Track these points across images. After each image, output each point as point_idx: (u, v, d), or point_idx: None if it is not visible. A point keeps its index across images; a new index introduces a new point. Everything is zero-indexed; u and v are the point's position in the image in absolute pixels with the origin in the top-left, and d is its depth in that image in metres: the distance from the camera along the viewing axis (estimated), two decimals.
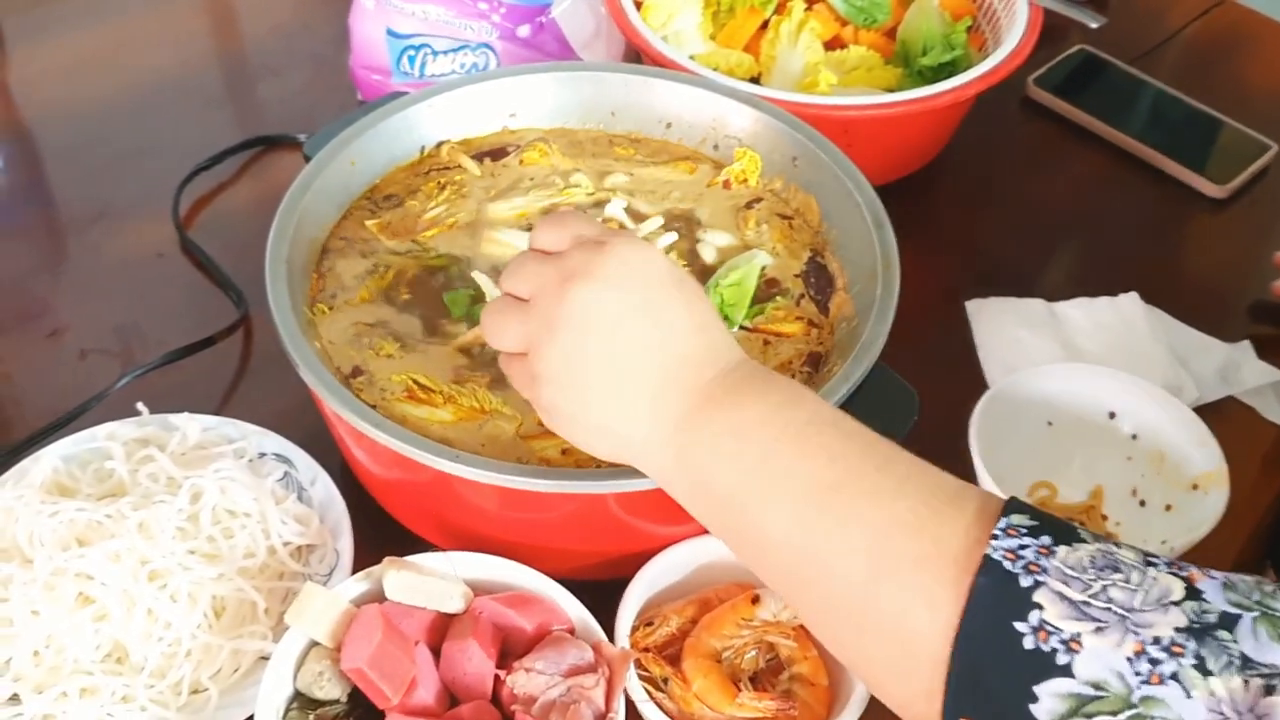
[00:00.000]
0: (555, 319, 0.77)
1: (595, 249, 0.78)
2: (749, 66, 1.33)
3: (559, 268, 0.78)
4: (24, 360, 1.14)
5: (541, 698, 0.84)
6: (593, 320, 0.77)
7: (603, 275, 0.77)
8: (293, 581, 0.94)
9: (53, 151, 1.37)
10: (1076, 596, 0.62)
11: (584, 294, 0.77)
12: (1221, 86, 1.50)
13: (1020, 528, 0.65)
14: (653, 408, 0.76)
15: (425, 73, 1.34)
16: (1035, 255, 1.31)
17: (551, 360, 0.78)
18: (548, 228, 0.82)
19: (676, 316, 0.78)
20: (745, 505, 0.73)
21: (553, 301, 0.77)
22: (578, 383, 0.78)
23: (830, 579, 0.69)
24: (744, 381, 0.76)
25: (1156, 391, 1.06)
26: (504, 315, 0.81)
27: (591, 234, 0.80)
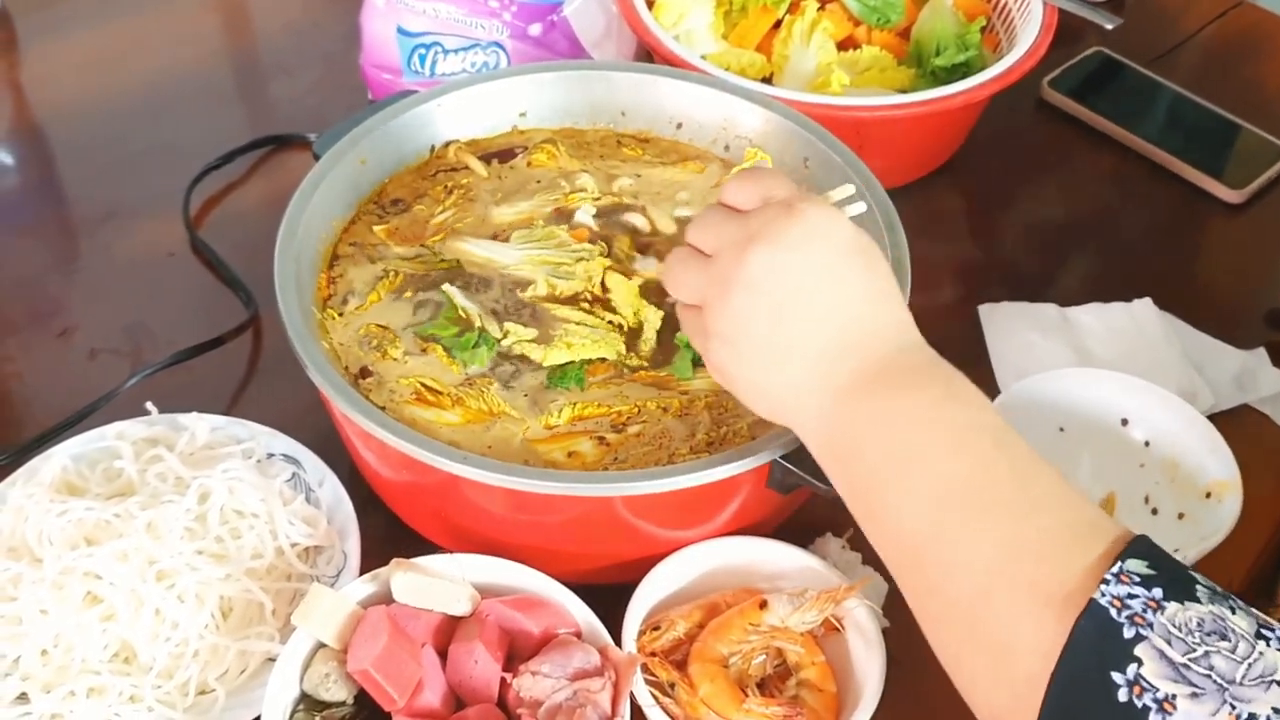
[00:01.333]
0: (732, 279, 0.77)
1: (782, 211, 0.77)
2: (761, 66, 1.32)
3: (743, 226, 0.78)
4: (34, 359, 1.14)
5: (547, 701, 0.83)
6: (769, 285, 0.76)
7: (785, 240, 0.76)
8: (300, 583, 0.94)
9: (64, 150, 1.37)
10: (1178, 658, 0.62)
11: (763, 257, 0.76)
12: (1239, 89, 1.49)
13: (1135, 575, 0.64)
14: (815, 378, 0.76)
15: (436, 71, 1.33)
16: (1048, 259, 1.30)
17: (723, 319, 0.78)
18: (739, 183, 0.81)
19: (854, 289, 0.77)
20: (883, 489, 0.74)
21: (732, 261, 0.77)
22: (746, 344, 0.78)
23: (946, 580, 0.70)
24: (912, 367, 0.76)
25: (1170, 398, 1.05)
26: (685, 266, 0.82)
27: (782, 194, 0.79)
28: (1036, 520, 0.69)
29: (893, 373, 0.75)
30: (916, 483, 0.72)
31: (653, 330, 0.98)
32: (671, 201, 1.09)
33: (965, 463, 0.71)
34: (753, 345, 0.78)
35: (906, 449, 0.73)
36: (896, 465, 0.73)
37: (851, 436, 0.75)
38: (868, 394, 0.75)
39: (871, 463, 0.74)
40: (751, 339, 0.78)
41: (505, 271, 1.02)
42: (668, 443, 0.92)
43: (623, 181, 1.10)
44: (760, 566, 0.94)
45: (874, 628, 0.90)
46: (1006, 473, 0.71)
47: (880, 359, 0.76)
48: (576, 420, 0.93)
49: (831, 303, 0.76)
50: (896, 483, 0.73)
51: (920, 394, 0.74)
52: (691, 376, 0.96)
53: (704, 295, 0.80)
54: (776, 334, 0.77)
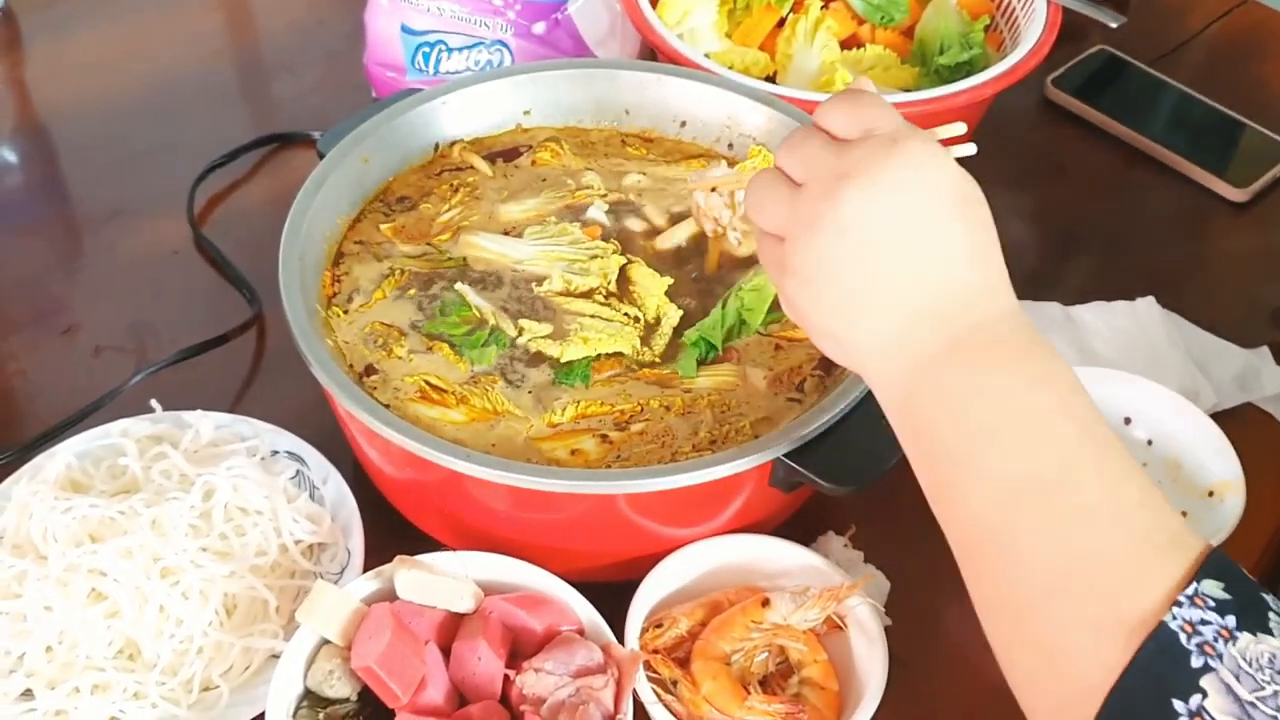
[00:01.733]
0: (820, 217, 0.69)
1: (885, 147, 0.69)
2: (764, 64, 1.32)
3: (840, 158, 0.70)
4: (39, 357, 1.15)
5: (550, 698, 0.84)
6: (861, 229, 0.69)
7: (884, 180, 0.68)
8: (304, 580, 0.94)
9: (68, 149, 1.37)
10: (1245, 695, 0.60)
11: (859, 198, 0.68)
12: (1243, 88, 1.49)
13: (1210, 599, 0.62)
14: (898, 337, 0.70)
15: (440, 70, 1.34)
16: (1052, 258, 1.30)
17: (806, 258, 0.71)
18: (839, 107, 0.72)
19: (952, 244, 0.69)
20: (956, 469, 0.69)
21: (823, 196, 0.69)
22: (827, 288, 0.71)
23: (1009, 574, 0.66)
24: (1001, 340, 0.69)
25: (1173, 397, 1.05)
26: (772, 193, 0.73)
27: (886, 126, 0.70)
28: (1114, 530, 0.65)
29: (983, 344, 0.69)
30: (991, 471, 0.67)
31: (670, 327, 0.98)
32: (676, 198, 1.09)
33: (1046, 458, 0.66)
34: (835, 291, 0.71)
35: (987, 433, 0.67)
36: (974, 448, 0.68)
37: (929, 406, 0.70)
38: (954, 365, 0.69)
39: (947, 439, 0.69)
40: (835, 284, 0.71)
41: (518, 267, 1.02)
42: (670, 441, 0.92)
43: (631, 179, 1.10)
44: (762, 564, 0.94)
45: (876, 626, 0.90)
46: (1088, 474, 0.66)
47: (972, 326, 0.69)
48: (580, 418, 0.93)
49: (928, 258, 0.69)
50: (970, 465, 0.68)
51: (1009, 373, 0.68)
52: (695, 375, 0.96)
53: (788, 227, 0.72)
54: (863, 284, 0.70)
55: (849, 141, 0.71)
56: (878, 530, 1.00)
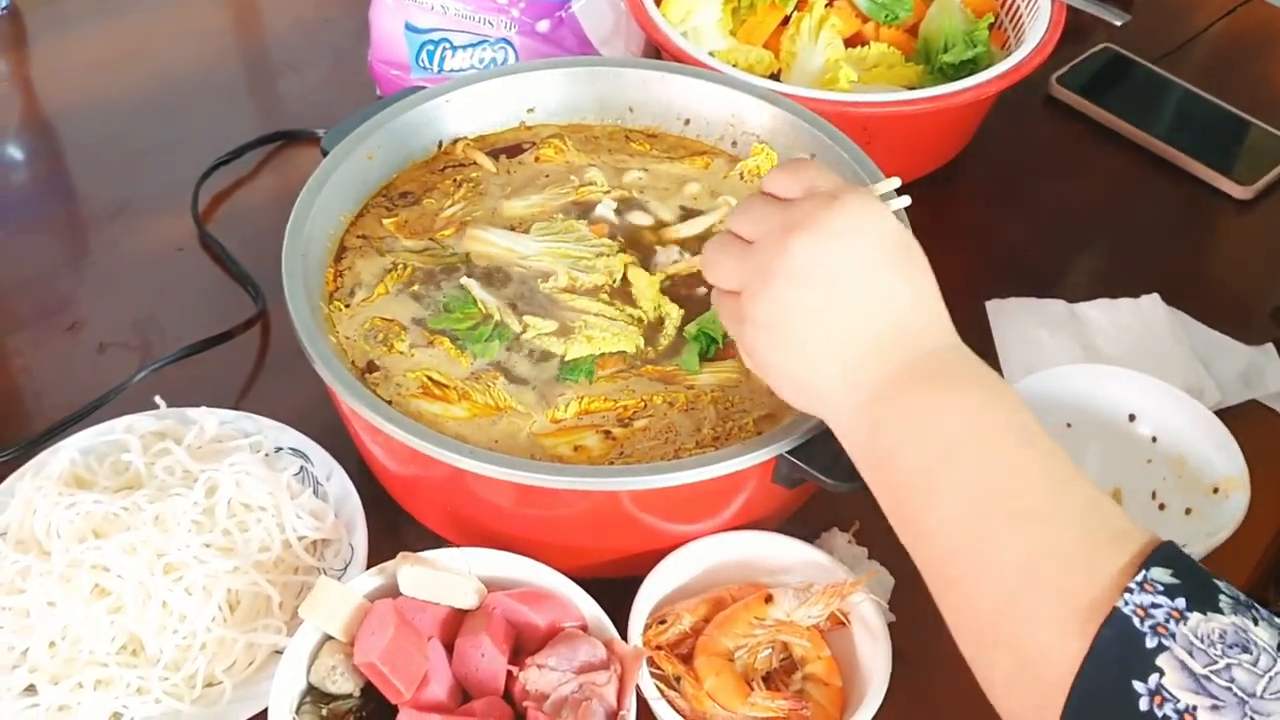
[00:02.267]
0: (772, 267, 0.76)
1: (825, 202, 0.76)
2: (769, 63, 1.32)
3: (785, 215, 0.76)
4: (44, 353, 1.15)
5: (553, 694, 0.84)
6: (809, 275, 0.75)
7: (827, 230, 0.75)
8: (307, 576, 0.94)
9: (74, 146, 1.37)
10: (1199, 669, 0.62)
11: (805, 246, 0.75)
12: (1248, 86, 1.49)
13: (1159, 584, 0.65)
14: (853, 373, 0.76)
15: (444, 68, 1.34)
16: (1056, 256, 1.30)
17: (762, 307, 0.77)
18: (783, 173, 0.80)
19: (895, 286, 0.76)
20: (917, 492, 0.73)
21: (773, 249, 0.76)
22: (783, 334, 0.78)
23: (975, 583, 0.70)
24: (949, 368, 0.76)
25: (1177, 394, 1.05)
26: (724, 253, 0.80)
27: (826, 186, 0.78)
28: (1066, 528, 0.69)
29: (930, 374, 0.75)
30: (950, 486, 0.72)
31: (674, 326, 0.99)
32: (679, 195, 1.09)
33: (999, 468, 0.71)
34: (790, 335, 0.77)
35: (939, 454, 0.73)
36: (931, 469, 0.73)
37: (887, 436, 0.75)
38: (905, 394, 0.74)
39: (906, 465, 0.74)
40: (789, 329, 0.77)
41: (524, 263, 1.02)
42: (674, 437, 0.92)
43: (631, 175, 1.10)
44: (766, 561, 0.94)
45: (880, 622, 0.90)
46: (1039, 479, 0.71)
47: (919, 358, 0.75)
48: (583, 414, 0.93)
49: (874, 298, 0.76)
50: (930, 486, 0.73)
51: (957, 397, 0.74)
52: (699, 370, 0.96)
53: (743, 282, 0.78)
54: (815, 326, 0.76)
55: (793, 200, 0.78)
56: (881, 526, 0.98)
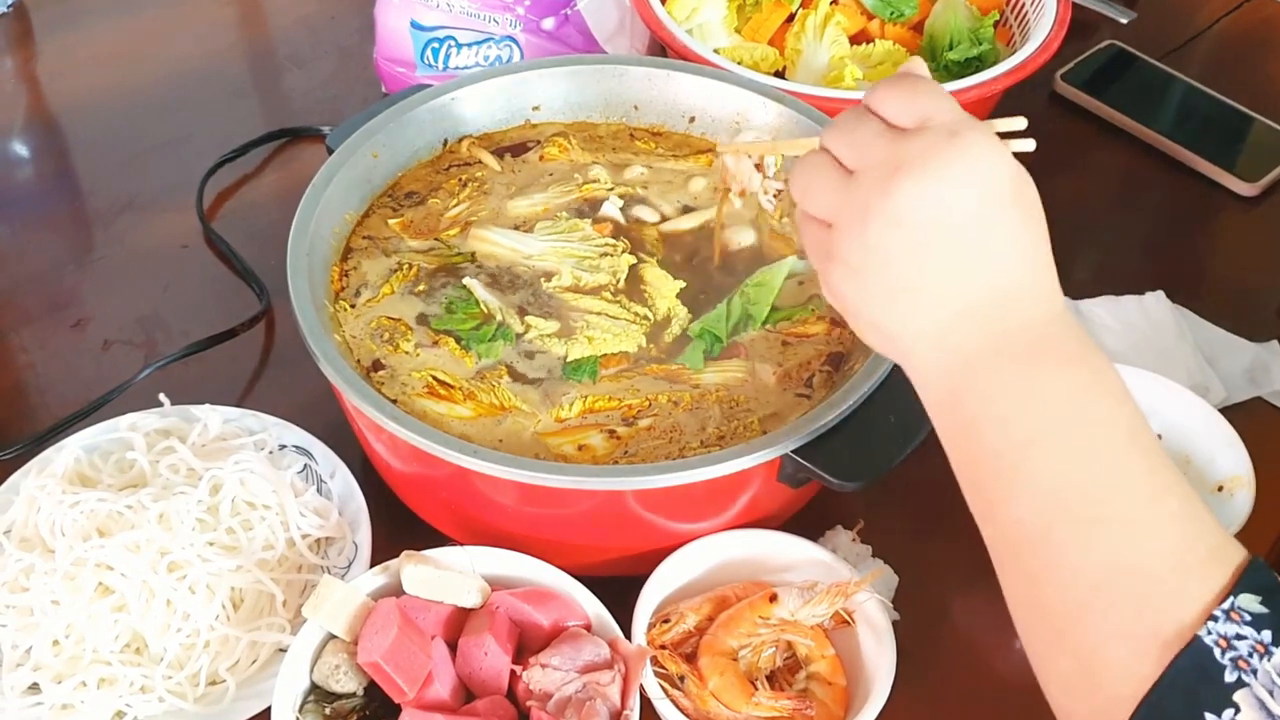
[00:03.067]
0: (872, 207, 0.67)
1: (943, 140, 0.66)
2: (774, 60, 1.32)
3: (895, 149, 0.67)
4: (49, 350, 1.15)
5: (557, 694, 0.84)
6: (913, 223, 0.67)
7: (941, 175, 0.66)
8: (311, 574, 0.94)
9: (79, 142, 1.37)
10: (1279, 710, 0.60)
11: (914, 191, 0.66)
12: (1253, 82, 1.48)
13: (1246, 613, 0.62)
14: (944, 333, 0.68)
15: (449, 65, 1.34)
16: (1061, 252, 1.27)
17: (855, 248, 0.69)
18: (894, 93, 0.69)
19: (1003, 243, 0.67)
20: (998, 473, 0.68)
21: (876, 186, 0.67)
22: (874, 281, 0.69)
23: (1047, 583, 0.66)
24: (1050, 343, 0.68)
25: (1182, 392, 1.05)
26: (821, 177, 0.71)
27: (943, 116, 0.67)
28: (1153, 540, 0.64)
29: (1030, 347, 0.67)
30: (1033, 479, 0.66)
31: (680, 326, 0.99)
32: (683, 192, 1.09)
33: (1088, 468, 0.66)
34: (884, 283, 0.69)
35: (1031, 438, 0.67)
36: (1017, 452, 0.67)
37: (974, 408, 0.68)
38: (1000, 367, 0.68)
39: (991, 441, 0.68)
40: (882, 276, 0.69)
41: (528, 262, 1.02)
42: (678, 436, 0.92)
43: (635, 171, 1.10)
44: (770, 559, 0.94)
45: (884, 621, 0.90)
46: (1131, 486, 0.66)
47: (1021, 328, 0.67)
48: (587, 413, 0.93)
49: (978, 256, 0.67)
50: (1011, 473, 0.67)
51: (1056, 379, 0.67)
52: (702, 367, 0.96)
53: (837, 215, 0.70)
54: (913, 278, 0.68)
55: (904, 130, 0.68)
56: (886, 524, 1.00)
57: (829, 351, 0.97)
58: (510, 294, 1.00)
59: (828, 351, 0.97)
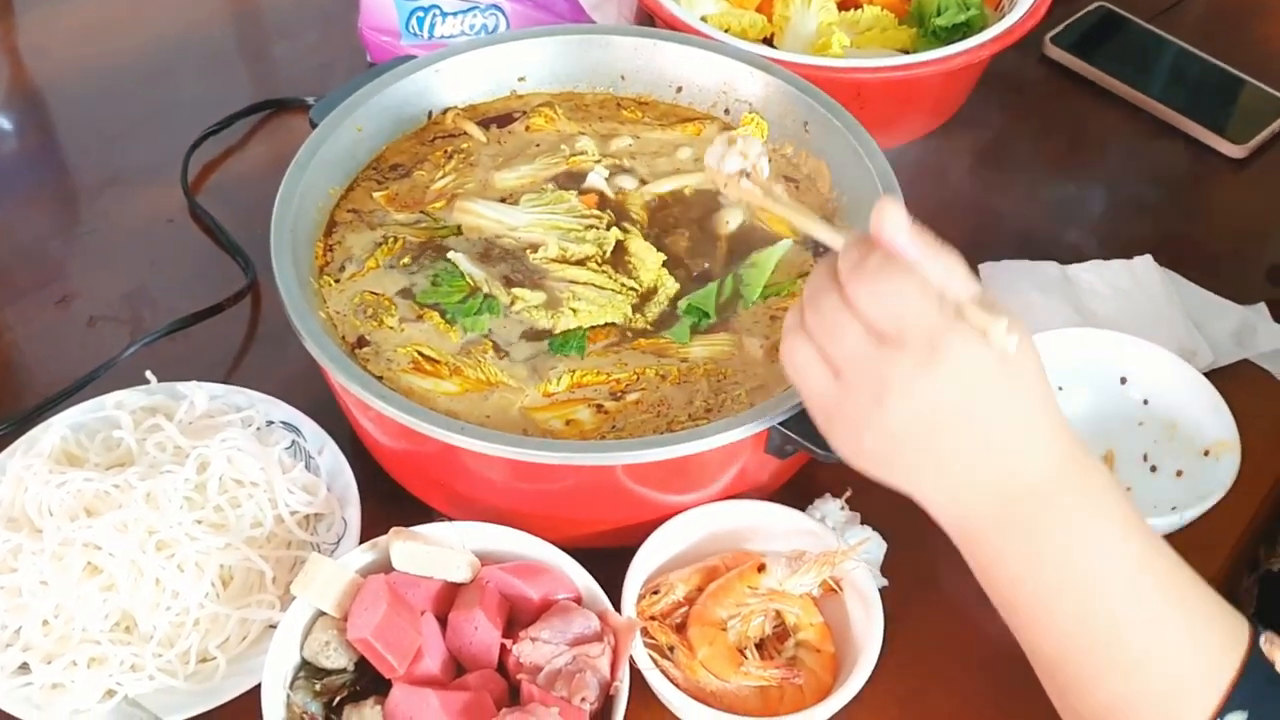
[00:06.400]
0: (864, 420, 0.71)
1: (926, 357, 0.68)
2: (762, 26, 1.31)
3: (881, 369, 0.70)
4: (34, 327, 1.14)
5: (547, 666, 0.84)
6: (907, 433, 0.71)
7: (929, 390, 0.69)
8: (300, 550, 0.95)
9: (63, 117, 1.36)
10: None
11: (905, 408, 0.70)
12: (1243, 44, 1.48)
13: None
14: (951, 502, 0.73)
15: (434, 34, 1.33)
16: (1050, 217, 1.30)
17: (851, 445, 0.74)
18: (868, 292, 0.69)
19: (997, 418, 0.70)
20: (1014, 610, 0.75)
21: (868, 403, 0.71)
22: (876, 466, 0.74)
23: (1073, 695, 0.75)
24: (1053, 502, 0.72)
25: (1169, 357, 1.05)
26: (810, 376, 0.74)
27: (923, 323, 0.68)
28: (1153, 675, 0.72)
29: (1035, 513, 0.72)
30: (1047, 621, 0.74)
31: (666, 297, 0.98)
32: (670, 161, 1.08)
33: (1097, 613, 0.72)
34: (884, 468, 0.74)
35: (1041, 592, 0.73)
36: (1029, 600, 0.74)
37: (985, 560, 0.74)
38: (1007, 533, 0.73)
39: (1004, 590, 0.75)
40: (883, 466, 0.74)
41: (514, 234, 1.01)
42: (666, 410, 0.92)
43: (621, 142, 1.10)
44: (759, 529, 0.94)
45: (872, 588, 0.90)
46: (1135, 628, 0.72)
47: (1025, 491, 0.71)
48: (575, 388, 0.93)
49: (974, 439, 0.71)
50: (1028, 613, 0.74)
51: (1064, 535, 0.72)
52: (689, 341, 0.96)
53: (831, 413, 0.74)
54: (911, 470, 0.73)
55: (886, 341, 0.69)
56: (873, 492, 0.98)
57: None
58: (496, 266, 1.00)
59: None
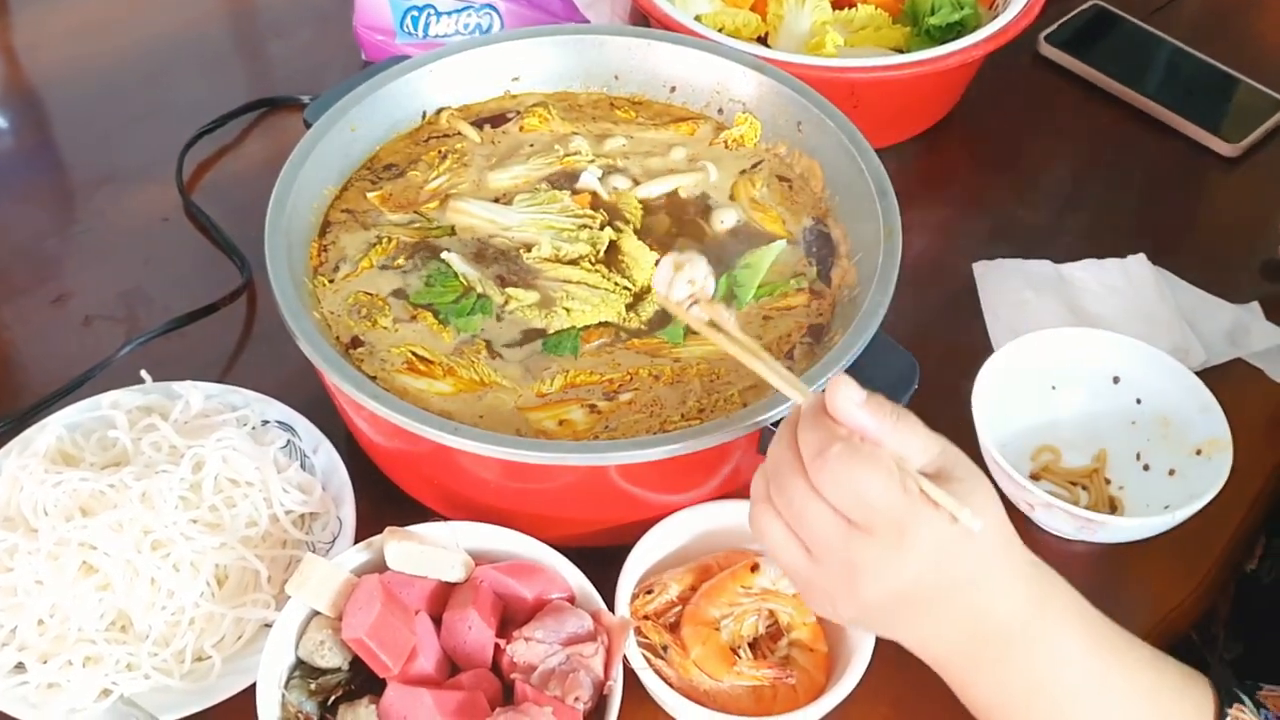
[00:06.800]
0: (838, 599, 0.75)
1: (894, 543, 0.71)
2: (755, 26, 1.32)
3: (850, 556, 0.72)
4: (30, 326, 1.15)
5: (541, 666, 0.84)
6: (880, 606, 0.74)
7: (898, 574, 0.72)
8: (295, 550, 0.95)
9: (59, 114, 1.37)
10: None
11: (877, 590, 0.73)
12: (1237, 42, 1.48)
13: None
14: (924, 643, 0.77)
15: (429, 33, 1.33)
16: (1044, 215, 1.30)
17: (828, 612, 0.77)
18: (830, 480, 0.71)
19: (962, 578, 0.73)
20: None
21: (840, 586, 0.74)
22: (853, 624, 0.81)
23: None
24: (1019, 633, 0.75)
25: (1162, 357, 1.05)
26: (782, 551, 0.76)
27: (889, 515, 0.71)
28: None
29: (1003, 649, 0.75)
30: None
31: None
32: (663, 161, 1.09)
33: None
34: (861, 626, 0.83)
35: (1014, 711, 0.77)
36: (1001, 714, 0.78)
37: (955, 683, 0.78)
38: (977, 668, 0.77)
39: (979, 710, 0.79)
40: (860, 625, 0.81)
41: (507, 234, 1.01)
42: (659, 410, 0.92)
43: (615, 143, 1.10)
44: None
45: None
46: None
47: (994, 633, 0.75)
48: (568, 388, 0.93)
49: (946, 606, 0.74)
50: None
51: (1028, 662, 0.76)
52: (682, 341, 0.96)
53: (804, 582, 0.76)
54: (886, 626, 0.78)
55: (853, 527, 0.72)
56: None
57: (809, 324, 0.97)
58: (490, 266, 1.00)
59: (808, 324, 0.97)
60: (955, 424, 1.05)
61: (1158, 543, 0.99)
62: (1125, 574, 1.01)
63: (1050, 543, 1.01)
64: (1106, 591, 1.00)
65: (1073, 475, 1.06)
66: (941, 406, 1.04)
